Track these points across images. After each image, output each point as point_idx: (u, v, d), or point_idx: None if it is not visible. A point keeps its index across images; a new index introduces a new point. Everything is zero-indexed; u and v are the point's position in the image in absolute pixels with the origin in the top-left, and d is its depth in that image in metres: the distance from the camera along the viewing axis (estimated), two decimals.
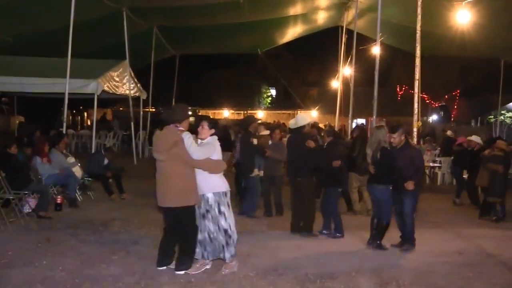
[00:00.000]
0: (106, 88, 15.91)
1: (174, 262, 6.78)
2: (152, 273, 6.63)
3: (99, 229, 9.18)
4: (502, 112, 31.72)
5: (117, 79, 17.26)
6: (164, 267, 6.75)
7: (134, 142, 19.94)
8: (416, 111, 11.45)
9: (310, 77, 44.25)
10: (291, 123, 9.66)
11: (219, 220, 6.73)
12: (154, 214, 9.47)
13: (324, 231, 9.24)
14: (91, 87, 15.00)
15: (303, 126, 9.34)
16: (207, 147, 6.68)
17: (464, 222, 11.05)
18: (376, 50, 13.91)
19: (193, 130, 6.92)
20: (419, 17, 11.84)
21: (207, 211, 6.73)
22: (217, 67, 41.09)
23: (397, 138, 8.42)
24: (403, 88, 35.21)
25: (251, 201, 10.61)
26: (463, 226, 10.59)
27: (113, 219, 9.85)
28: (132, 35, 18.54)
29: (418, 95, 11.40)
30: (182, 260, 6.69)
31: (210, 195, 6.70)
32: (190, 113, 7.09)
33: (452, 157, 14.99)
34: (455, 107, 34.83)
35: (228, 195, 6.89)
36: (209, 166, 6.65)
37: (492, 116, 35.10)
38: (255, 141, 10.29)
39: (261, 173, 10.72)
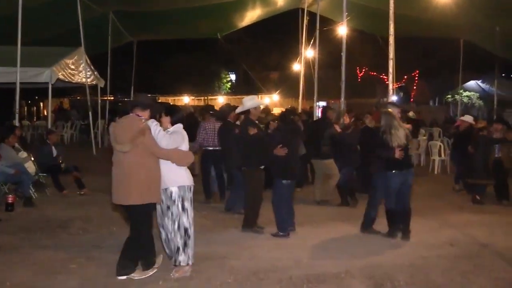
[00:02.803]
0: (61, 77, 15.31)
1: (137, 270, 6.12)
2: (115, 285, 5.93)
3: (56, 231, 8.32)
4: (460, 91, 32.11)
5: (72, 67, 16.63)
6: (124, 277, 6.01)
7: (92, 132, 19.31)
8: (391, 92, 11.15)
9: (270, 61, 43.91)
10: (238, 109, 9.05)
11: (181, 217, 6.13)
12: (116, 212, 8.90)
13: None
14: (45, 75, 14.42)
15: (248, 111, 8.53)
16: (176, 135, 6.12)
17: (445, 208, 10.69)
18: (342, 30, 13.66)
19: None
20: None
21: (168, 207, 6.15)
22: (176, 52, 40.43)
23: None
24: (363, 70, 35.35)
25: (238, 195, 9.57)
26: (445, 212, 10.19)
27: (72, 219, 9.01)
28: (87, 21, 17.88)
29: (393, 75, 11.11)
30: (128, 264, 6.05)
31: (174, 189, 6.12)
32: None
33: (452, 141, 14.54)
34: (414, 87, 35.11)
35: (192, 190, 6.32)
36: (177, 156, 6.08)
37: (450, 96, 35.62)
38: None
39: None
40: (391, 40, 10.99)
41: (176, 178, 6.15)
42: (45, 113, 32.11)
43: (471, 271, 6.61)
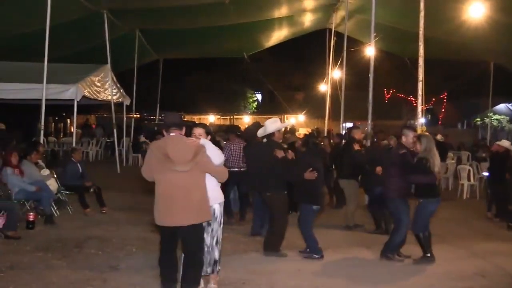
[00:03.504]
0: (86, 94, 15.26)
1: None
2: None
3: (72, 251, 8.08)
4: (489, 114, 31.57)
5: (98, 84, 16.61)
6: None
7: (117, 150, 19.28)
8: (420, 115, 10.81)
9: (295, 81, 43.91)
10: (259, 132, 8.67)
11: (219, 232, 6.25)
12: (136, 231, 8.70)
13: (306, 250, 8.25)
14: (70, 92, 14.34)
15: (272, 134, 8.29)
16: (217, 150, 6.15)
17: (475, 235, 10.25)
18: (370, 51, 13.42)
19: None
20: (422, 14, 11.07)
21: (208, 223, 6.12)
22: (202, 70, 40.55)
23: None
24: (390, 92, 35.00)
25: (264, 219, 9.30)
26: (470, 240, 9.75)
27: (89, 238, 8.78)
28: (114, 39, 17.93)
29: (422, 97, 10.77)
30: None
31: (217, 206, 6.18)
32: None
33: (488, 166, 13.70)
34: (443, 110, 34.62)
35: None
36: (222, 172, 6.12)
37: (479, 119, 35.02)
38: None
39: None
40: (421, 61, 10.68)
41: (217, 195, 6.19)
42: (72, 129, 32.35)
43: None
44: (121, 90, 19.33)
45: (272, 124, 8.36)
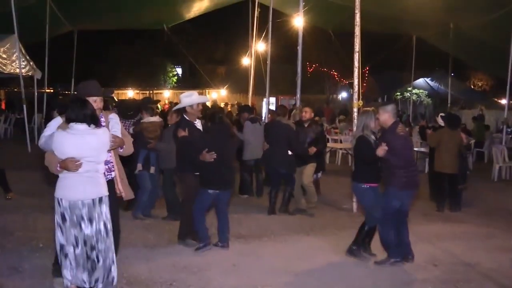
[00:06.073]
0: None
1: None
2: None
3: None
4: (409, 89, 32.16)
5: (4, 55, 15.35)
6: None
7: (27, 127, 17.93)
8: (356, 88, 10.31)
9: (217, 55, 43.07)
10: (175, 107, 8.03)
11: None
12: (45, 221, 7.58)
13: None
14: None
15: (183, 109, 7.51)
16: None
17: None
18: (299, 21, 12.93)
19: None
20: None
21: None
22: (120, 43, 39.00)
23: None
24: (313, 66, 34.88)
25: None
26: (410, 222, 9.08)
27: None
28: (22, 7, 16.49)
29: (359, 69, 10.26)
30: None
31: None
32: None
33: None
34: (364, 84, 34.89)
35: None
36: None
37: (399, 93, 35.66)
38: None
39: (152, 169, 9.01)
40: (357, 31, 10.17)
41: None
42: None
43: None
44: (31, 63, 17.98)
45: (186, 98, 7.52)
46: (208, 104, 18.47)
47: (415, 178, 6.82)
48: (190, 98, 7.50)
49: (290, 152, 9.52)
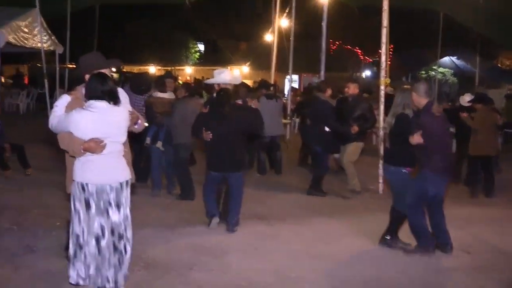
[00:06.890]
0: (12, 40, 13.85)
1: None
2: None
3: None
4: (434, 67, 31.46)
5: (26, 29, 15.10)
6: None
7: (48, 102, 17.83)
8: (383, 65, 9.93)
9: (239, 31, 42.57)
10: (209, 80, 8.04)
11: None
12: (63, 198, 7.23)
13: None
14: None
15: (211, 86, 7.77)
16: None
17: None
18: None
19: None
20: None
21: None
22: (141, 19, 38.73)
23: None
24: (336, 43, 34.25)
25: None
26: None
27: (5, 208, 7.50)
28: None
29: (387, 45, 9.89)
30: None
31: None
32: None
33: None
34: (389, 62, 34.25)
35: None
36: None
37: (424, 72, 34.94)
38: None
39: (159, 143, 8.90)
40: (385, 5, 9.80)
41: None
42: (2, 79, 30.30)
43: None
44: (53, 37, 17.78)
45: (219, 75, 7.38)
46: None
47: (451, 163, 6.49)
48: (219, 76, 7.39)
49: (327, 129, 9.26)
